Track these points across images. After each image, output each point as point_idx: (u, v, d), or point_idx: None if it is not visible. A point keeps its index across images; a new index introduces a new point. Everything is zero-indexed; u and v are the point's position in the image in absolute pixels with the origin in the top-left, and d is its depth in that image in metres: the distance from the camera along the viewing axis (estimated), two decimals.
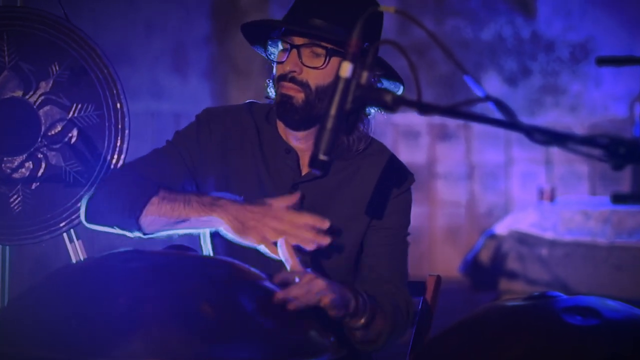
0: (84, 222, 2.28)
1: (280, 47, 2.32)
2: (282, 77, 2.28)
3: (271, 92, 2.36)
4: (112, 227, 2.24)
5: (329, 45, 2.25)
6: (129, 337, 1.61)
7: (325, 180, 2.33)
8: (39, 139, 2.84)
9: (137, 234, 2.22)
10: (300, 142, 2.34)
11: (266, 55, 2.37)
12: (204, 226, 2.19)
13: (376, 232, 2.35)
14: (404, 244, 2.38)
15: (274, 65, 2.33)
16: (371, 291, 2.26)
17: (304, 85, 2.26)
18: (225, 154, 2.34)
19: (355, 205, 2.34)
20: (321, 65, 2.26)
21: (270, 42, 2.36)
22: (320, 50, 2.26)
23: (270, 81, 2.35)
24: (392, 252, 2.35)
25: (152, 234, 2.23)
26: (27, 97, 2.83)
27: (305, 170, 2.35)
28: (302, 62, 2.26)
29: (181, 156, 2.32)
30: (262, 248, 2.12)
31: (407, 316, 2.31)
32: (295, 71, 2.26)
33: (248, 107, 2.40)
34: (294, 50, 2.26)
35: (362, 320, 2.17)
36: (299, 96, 2.26)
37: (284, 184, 2.33)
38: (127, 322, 1.63)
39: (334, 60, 2.26)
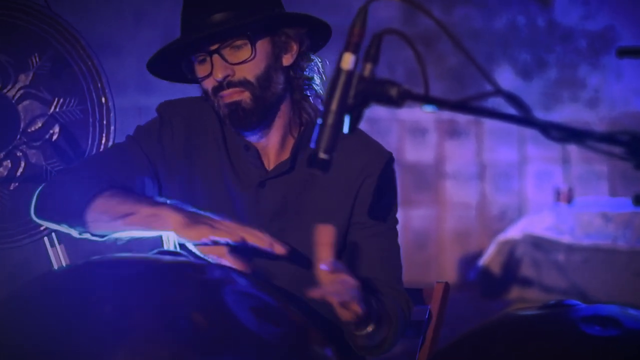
0: (33, 217, 2.29)
1: (195, 61, 2.29)
2: (218, 88, 2.26)
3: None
4: (59, 223, 2.25)
5: (247, 32, 2.24)
6: (115, 348, 1.61)
7: (295, 174, 2.32)
8: (18, 136, 2.84)
9: (83, 233, 2.22)
10: (256, 137, 2.33)
11: (188, 81, 2.34)
12: (151, 225, 2.14)
13: (362, 228, 2.33)
14: (395, 236, 2.37)
15: (201, 83, 2.30)
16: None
17: (244, 84, 2.25)
18: (189, 152, 2.34)
19: (331, 197, 2.33)
20: (250, 57, 2.25)
21: (185, 65, 2.32)
22: (239, 42, 2.25)
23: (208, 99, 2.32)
24: (386, 250, 2.35)
25: (97, 233, 2.22)
26: (5, 91, 2.82)
27: (271, 165, 2.34)
28: (230, 63, 2.25)
29: (143, 152, 2.32)
30: (199, 248, 2.10)
31: (408, 317, 2.33)
32: (228, 75, 2.24)
33: None
34: (215, 56, 2.25)
35: (369, 329, 2.16)
36: (245, 96, 2.26)
37: (249, 181, 2.32)
38: (113, 332, 1.63)
39: (261, 43, 2.26)
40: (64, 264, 2.93)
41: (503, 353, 1.75)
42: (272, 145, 2.33)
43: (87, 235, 2.23)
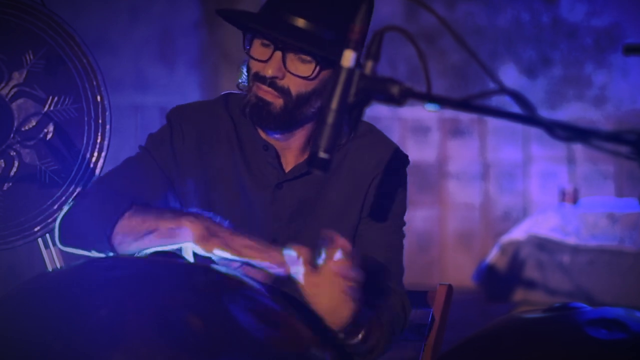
0: (59, 245, 2.30)
1: (259, 40, 2.26)
2: (261, 79, 2.23)
3: (245, 80, 2.32)
4: (88, 250, 2.25)
5: (319, 52, 2.20)
6: (110, 352, 1.61)
7: (312, 176, 2.32)
8: (12, 135, 2.84)
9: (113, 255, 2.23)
10: (278, 139, 2.33)
11: (244, 45, 2.31)
12: (173, 238, 2.15)
13: (370, 225, 2.35)
14: (400, 237, 2.39)
15: (250, 60, 2.27)
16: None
17: (284, 92, 2.23)
18: (202, 158, 2.33)
19: (346, 197, 2.34)
20: (309, 76, 2.22)
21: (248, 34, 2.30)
22: (308, 57, 2.22)
23: (245, 73, 2.31)
24: (388, 249, 2.36)
25: (126, 253, 2.22)
26: None
27: (288, 167, 2.34)
28: (286, 68, 2.22)
29: (157, 164, 2.32)
30: (224, 254, 2.10)
31: (404, 319, 2.33)
32: (277, 77, 2.22)
33: (223, 100, 2.38)
34: (278, 53, 2.22)
35: (359, 337, 2.18)
36: (277, 102, 2.24)
37: (267, 183, 2.32)
38: (108, 336, 1.63)
39: (324, 71, 2.23)
40: (58, 266, 2.93)
41: (507, 357, 1.75)
42: (293, 148, 2.34)
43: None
